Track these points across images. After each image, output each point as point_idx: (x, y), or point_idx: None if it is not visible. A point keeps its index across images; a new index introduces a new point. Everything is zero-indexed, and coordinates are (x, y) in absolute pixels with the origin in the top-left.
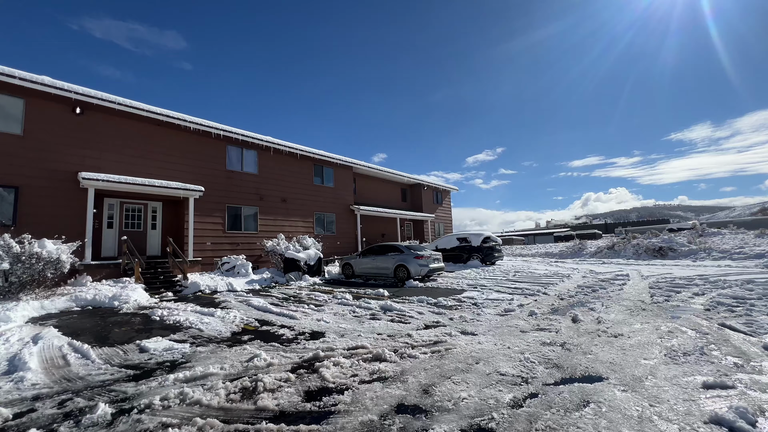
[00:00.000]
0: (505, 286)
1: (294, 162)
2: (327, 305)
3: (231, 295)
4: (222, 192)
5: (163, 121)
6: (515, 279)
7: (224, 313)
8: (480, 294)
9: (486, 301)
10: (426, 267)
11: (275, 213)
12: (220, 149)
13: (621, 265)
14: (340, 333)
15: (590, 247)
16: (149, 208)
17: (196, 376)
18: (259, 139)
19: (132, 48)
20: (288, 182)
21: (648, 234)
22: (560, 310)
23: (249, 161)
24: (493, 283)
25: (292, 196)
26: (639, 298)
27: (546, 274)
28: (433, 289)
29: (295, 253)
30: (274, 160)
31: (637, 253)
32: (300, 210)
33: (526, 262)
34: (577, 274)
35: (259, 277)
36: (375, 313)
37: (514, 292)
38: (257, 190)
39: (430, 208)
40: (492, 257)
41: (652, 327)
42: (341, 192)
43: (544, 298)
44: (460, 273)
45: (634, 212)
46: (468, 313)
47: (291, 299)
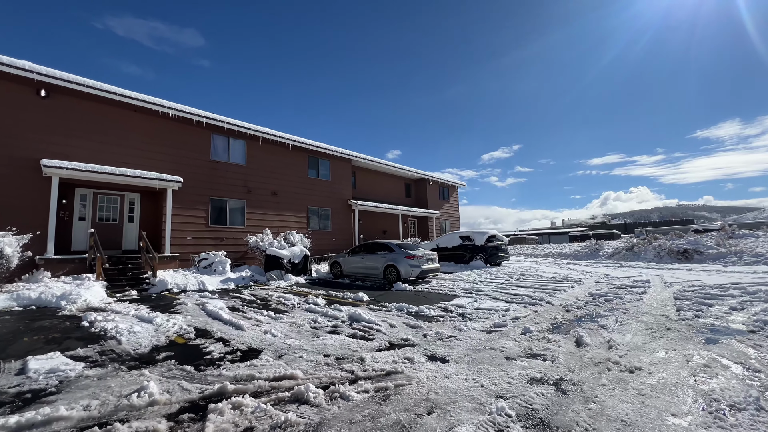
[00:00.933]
0: (505, 292)
1: (286, 153)
2: (291, 312)
3: (195, 295)
4: (205, 183)
5: (139, 106)
6: (518, 283)
7: (166, 319)
8: (472, 301)
9: (476, 311)
10: (418, 268)
11: (264, 207)
12: (204, 138)
13: (641, 269)
14: (279, 353)
15: (607, 248)
16: (126, 199)
17: (35, 422)
18: (247, 128)
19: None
20: (279, 174)
21: (671, 235)
22: (563, 326)
23: (236, 151)
24: (492, 287)
25: (283, 190)
26: (662, 312)
27: (554, 278)
28: (422, 294)
29: (278, 251)
30: (263, 150)
31: (659, 256)
32: (292, 204)
33: (536, 263)
34: (589, 279)
35: (237, 275)
36: (338, 324)
37: (512, 300)
38: (245, 182)
39: (436, 204)
40: (497, 257)
41: (681, 357)
42: (338, 186)
43: (547, 309)
44: (458, 275)
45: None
46: (448, 328)
47: (257, 303)
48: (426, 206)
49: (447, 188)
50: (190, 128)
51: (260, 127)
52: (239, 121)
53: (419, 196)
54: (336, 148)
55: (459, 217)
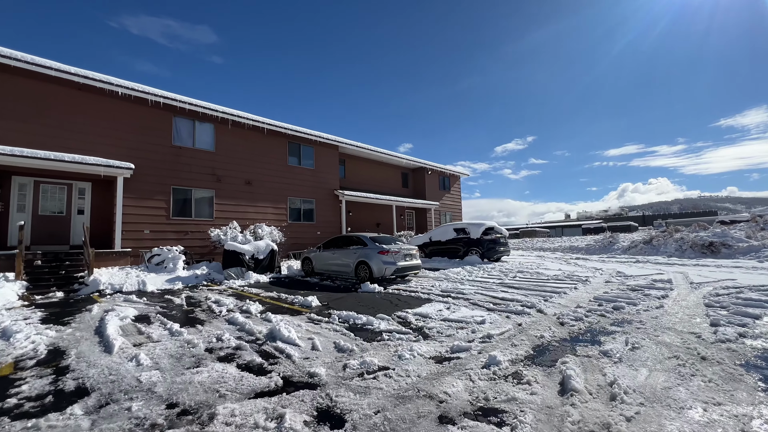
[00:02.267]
0: (490, 296)
1: (262, 138)
2: (207, 324)
3: (121, 299)
4: (166, 171)
5: (83, 84)
6: (512, 283)
7: (30, 335)
8: (443, 309)
9: (441, 324)
10: (392, 265)
11: (237, 197)
12: (164, 121)
13: (660, 265)
14: (107, 399)
15: (623, 241)
16: (75, 189)
17: None
18: (214, 110)
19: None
20: (254, 162)
21: (694, 226)
22: (549, 352)
23: (203, 136)
24: (477, 288)
25: (259, 178)
26: (691, 327)
27: (556, 277)
28: (389, 298)
29: (238, 245)
30: (235, 135)
31: (681, 250)
32: (270, 194)
33: (541, 258)
34: (598, 278)
35: (190, 273)
36: (242, 345)
37: (495, 308)
38: (213, 170)
39: (435, 194)
40: (494, 252)
41: (732, 421)
42: (324, 175)
43: (535, 322)
44: (447, 272)
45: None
46: (385, 355)
47: (181, 309)
48: (424, 197)
49: (447, 177)
50: (146, 110)
51: (230, 109)
52: (205, 102)
53: (417, 186)
54: (320, 134)
55: (461, 208)
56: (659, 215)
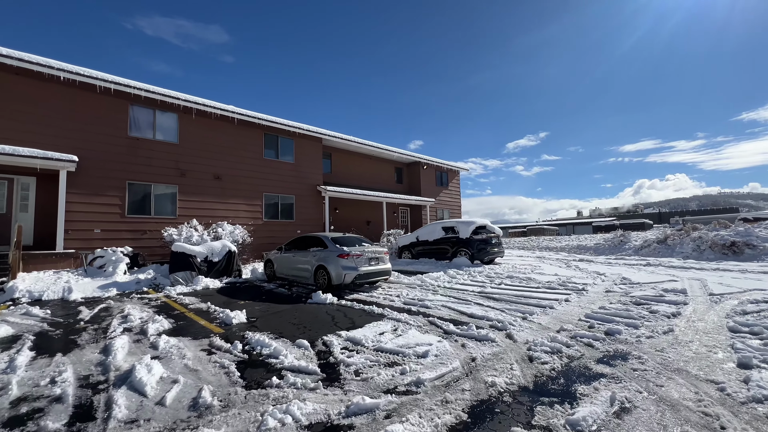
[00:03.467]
0: (457, 312)
1: (233, 130)
2: (70, 353)
3: (22, 309)
4: (121, 165)
5: (20, 68)
6: (492, 294)
7: None
8: (386, 333)
9: (367, 358)
10: (353, 271)
11: (204, 193)
12: (119, 109)
13: (674, 270)
14: None
15: (635, 240)
16: (17, 184)
17: None
18: (176, 98)
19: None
20: (225, 155)
21: (714, 224)
22: (489, 420)
23: (165, 127)
24: (447, 301)
25: (230, 173)
26: (710, 371)
27: (548, 285)
28: (334, 313)
29: (187, 246)
30: (202, 126)
31: (699, 250)
32: (242, 190)
33: (540, 260)
34: (598, 286)
35: (131, 278)
36: (52, 399)
37: (454, 331)
38: (177, 163)
39: (432, 191)
40: (485, 253)
41: None
42: (305, 169)
43: (494, 356)
44: (423, 278)
45: (694, 201)
46: (236, 424)
47: (75, 326)
48: (419, 193)
49: (445, 173)
50: (96, 97)
51: (194, 97)
52: (165, 90)
53: (412, 182)
54: (300, 125)
55: (461, 205)
56: (676, 212)
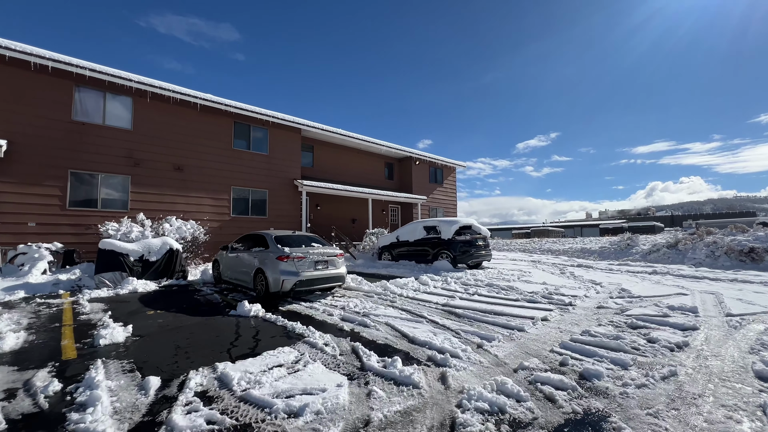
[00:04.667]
0: (399, 333)
1: (198, 117)
2: None
3: None
4: (63, 151)
5: None
6: (457, 308)
7: None
8: (276, 367)
9: (204, 417)
10: (293, 276)
11: (162, 185)
12: (61, 91)
13: (684, 279)
14: None
15: (642, 243)
16: None
17: None
18: (128, 80)
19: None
20: (187, 144)
21: (730, 228)
22: None
23: (116, 111)
24: (397, 316)
25: (193, 163)
26: None
27: (532, 297)
28: (243, 331)
29: (117, 243)
30: (162, 112)
31: (713, 257)
32: (207, 182)
33: (534, 264)
34: (590, 300)
35: (49, 279)
36: None
37: (372, 367)
38: (130, 152)
39: (424, 188)
40: (469, 256)
41: None
42: (280, 161)
43: (404, 417)
44: (387, 285)
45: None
46: None
47: None
48: (410, 190)
49: (440, 169)
50: (33, 76)
51: (149, 80)
52: (116, 70)
53: (403, 178)
54: (275, 114)
55: (456, 203)
56: (690, 215)
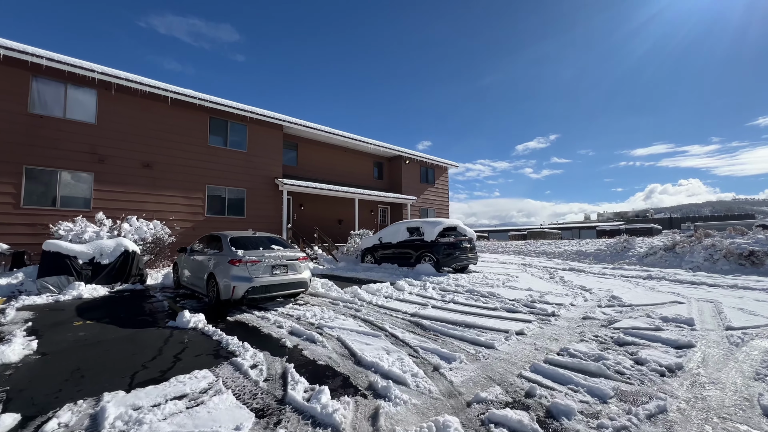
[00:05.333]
0: (347, 351)
1: (169, 111)
2: None
3: None
4: (17, 146)
5: None
6: (425, 317)
7: None
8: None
9: None
10: (245, 283)
11: (129, 183)
12: (17, 82)
13: (680, 285)
14: None
15: (639, 246)
16: None
17: None
18: (89, 70)
19: (192, 42)
20: (158, 140)
21: (729, 231)
22: None
23: (79, 104)
24: (354, 328)
25: (164, 161)
26: None
27: (512, 305)
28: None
29: (66, 245)
30: (130, 106)
31: (712, 260)
32: (179, 181)
33: (524, 267)
34: (576, 309)
35: None
36: None
37: (292, 400)
38: (94, 147)
39: (415, 188)
40: (453, 259)
41: None
42: (260, 159)
43: None
44: (357, 291)
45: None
46: None
47: None
48: (400, 190)
49: (431, 169)
50: None
51: (116, 71)
52: (79, 60)
53: (393, 178)
54: (255, 109)
55: (448, 204)
56: (688, 218)
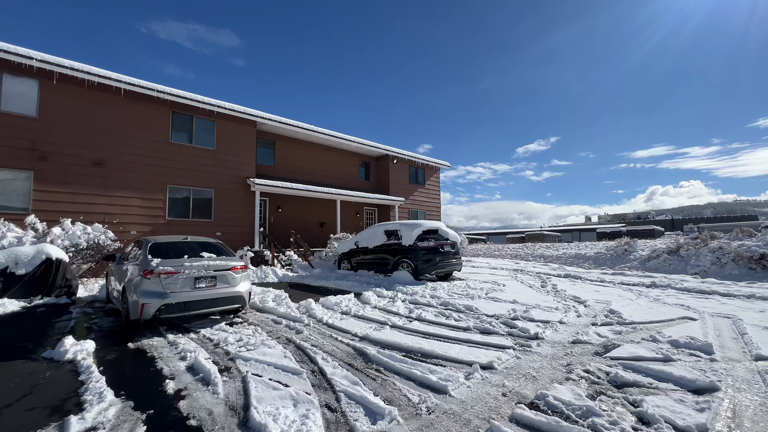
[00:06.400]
0: (231, 404)
1: (124, 105)
2: None
3: None
4: None
5: None
6: (374, 342)
7: None
8: None
9: None
10: (158, 299)
11: (76, 182)
12: None
13: (689, 295)
14: None
15: (641, 249)
16: None
17: None
18: (27, 57)
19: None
20: (112, 135)
21: (736, 232)
22: None
23: (18, 95)
24: (278, 358)
25: (118, 158)
26: None
27: (488, 324)
28: (16, 387)
29: None
30: (77, 97)
31: (719, 264)
32: (136, 181)
33: (515, 273)
34: (566, 328)
35: None
36: None
37: None
38: (34, 143)
39: (403, 189)
40: (433, 266)
41: None
42: (230, 157)
43: None
44: (310, 305)
45: (708, 208)
46: None
47: None
48: (388, 191)
49: (421, 169)
50: None
51: (59, 59)
52: (16, 47)
53: (381, 178)
54: (224, 104)
55: (440, 206)
56: (690, 219)
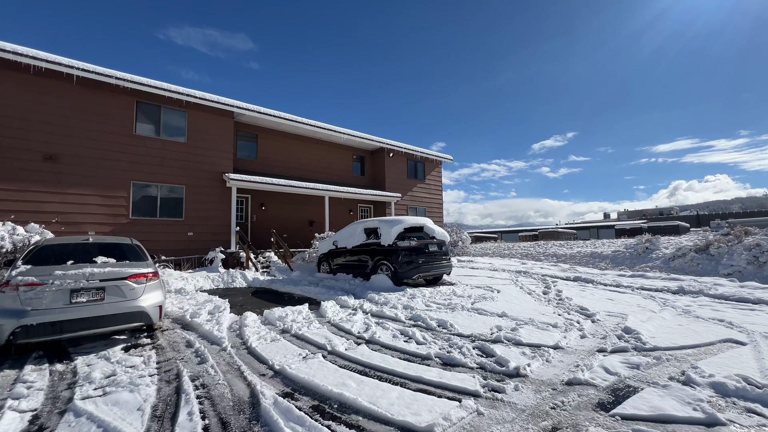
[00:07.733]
0: None
1: (79, 93)
2: None
3: None
4: None
5: None
6: (296, 379)
7: None
8: None
9: None
10: (11, 319)
11: (24, 179)
12: None
13: (727, 305)
14: None
15: (664, 247)
16: None
17: None
18: None
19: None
20: (66, 128)
21: None
22: None
23: None
24: (117, 417)
25: (73, 152)
26: None
27: (458, 350)
28: None
29: None
30: (24, 86)
31: (757, 263)
32: (94, 177)
33: (516, 276)
34: (564, 356)
35: None
36: None
37: None
38: None
39: (401, 184)
40: (416, 269)
41: None
42: (203, 151)
43: None
44: (252, 321)
45: (736, 203)
46: None
47: None
48: (383, 187)
49: (420, 163)
50: None
51: (4, 44)
52: None
53: (376, 173)
54: (196, 92)
55: (442, 203)
56: (717, 214)
